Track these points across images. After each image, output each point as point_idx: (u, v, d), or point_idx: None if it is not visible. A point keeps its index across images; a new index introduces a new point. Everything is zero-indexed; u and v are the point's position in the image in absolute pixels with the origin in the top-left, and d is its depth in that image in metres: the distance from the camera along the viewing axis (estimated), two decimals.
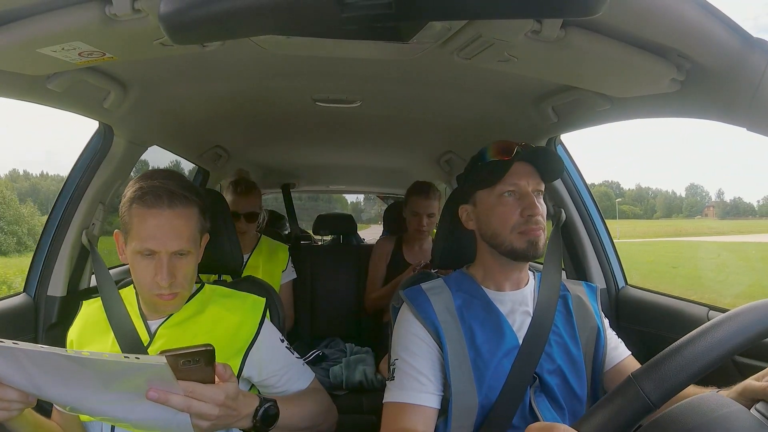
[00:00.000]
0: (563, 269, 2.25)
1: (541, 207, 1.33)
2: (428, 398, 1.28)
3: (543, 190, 1.37)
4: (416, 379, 1.29)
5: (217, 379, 1.07)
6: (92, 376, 0.98)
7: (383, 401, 1.33)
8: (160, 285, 1.26)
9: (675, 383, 0.74)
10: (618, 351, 1.43)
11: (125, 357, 0.92)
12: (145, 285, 1.30)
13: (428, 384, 1.29)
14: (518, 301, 1.38)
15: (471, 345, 1.30)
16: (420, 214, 2.88)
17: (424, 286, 1.43)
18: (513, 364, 1.28)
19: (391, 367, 1.35)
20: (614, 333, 1.46)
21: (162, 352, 0.97)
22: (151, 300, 1.34)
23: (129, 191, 1.29)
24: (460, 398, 1.27)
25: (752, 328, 0.78)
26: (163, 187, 1.26)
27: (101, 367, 0.95)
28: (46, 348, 0.93)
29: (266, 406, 1.19)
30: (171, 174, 1.31)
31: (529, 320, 1.35)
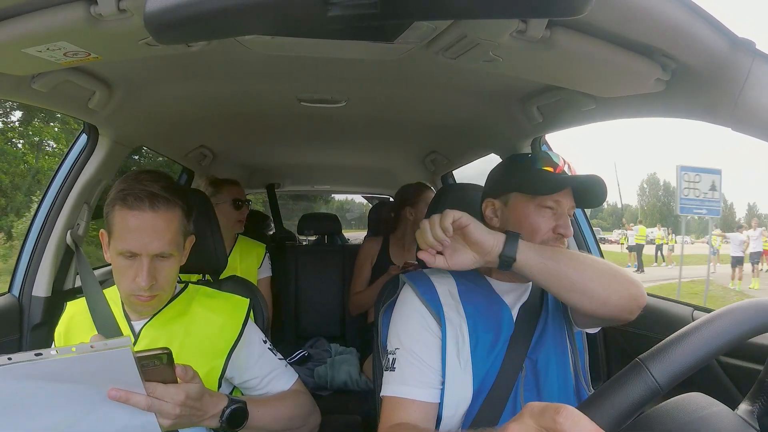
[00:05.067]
0: None
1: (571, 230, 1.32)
2: (431, 393, 1.24)
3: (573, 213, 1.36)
4: (420, 370, 1.25)
5: (179, 379, 1.08)
6: (50, 389, 0.96)
7: (382, 393, 1.29)
8: (139, 287, 1.25)
9: (683, 367, 0.74)
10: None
11: (92, 346, 0.91)
12: (124, 286, 1.29)
13: (431, 376, 1.25)
14: (520, 293, 1.37)
15: (473, 332, 1.27)
16: None
17: (426, 270, 1.40)
18: (506, 353, 1.27)
19: (390, 356, 1.30)
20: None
21: None
22: (128, 300, 1.33)
23: (113, 192, 1.28)
24: (454, 387, 1.24)
25: (757, 320, 0.79)
26: (145, 189, 1.24)
27: (65, 368, 0.93)
28: (15, 357, 0.91)
29: (233, 407, 1.20)
30: (156, 175, 1.30)
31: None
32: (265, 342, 1.46)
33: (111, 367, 0.96)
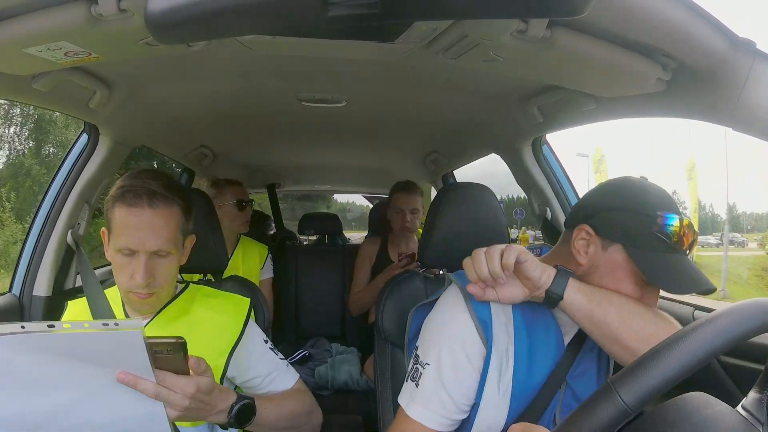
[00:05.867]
0: None
1: None
2: (449, 424, 1.18)
3: None
4: (442, 403, 1.16)
5: (192, 371, 1.07)
6: (59, 366, 0.95)
7: (401, 402, 1.22)
8: (137, 283, 1.25)
9: (653, 388, 0.73)
10: None
11: (104, 324, 0.90)
12: (122, 283, 1.29)
13: (456, 412, 1.17)
14: None
15: (519, 357, 1.15)
16: (403, 211, 2.89)
17: None
18: (549, 376, 1.17)
19: (419, 368, 1.20)
20: None
21: None
22: (127, 298, 1.33)
23: (113, 189, 1.28)
24: (488, 412, 1.16)
25: (731, 331, 0.76)
26: (144, 187, 1.24)
27: (75, 344, 0.93)
28: (28, 326, 0.90)
29: (242, 403, 1.19)
30: (156, 174, 1.30)
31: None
32: (266, 342, 1.46)
33: (121, 348, 0.95)
